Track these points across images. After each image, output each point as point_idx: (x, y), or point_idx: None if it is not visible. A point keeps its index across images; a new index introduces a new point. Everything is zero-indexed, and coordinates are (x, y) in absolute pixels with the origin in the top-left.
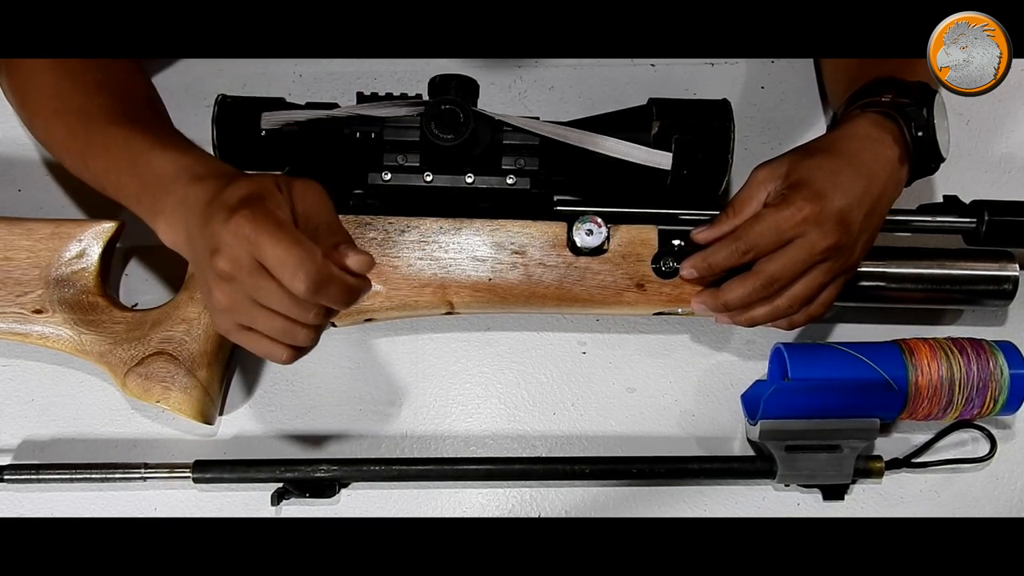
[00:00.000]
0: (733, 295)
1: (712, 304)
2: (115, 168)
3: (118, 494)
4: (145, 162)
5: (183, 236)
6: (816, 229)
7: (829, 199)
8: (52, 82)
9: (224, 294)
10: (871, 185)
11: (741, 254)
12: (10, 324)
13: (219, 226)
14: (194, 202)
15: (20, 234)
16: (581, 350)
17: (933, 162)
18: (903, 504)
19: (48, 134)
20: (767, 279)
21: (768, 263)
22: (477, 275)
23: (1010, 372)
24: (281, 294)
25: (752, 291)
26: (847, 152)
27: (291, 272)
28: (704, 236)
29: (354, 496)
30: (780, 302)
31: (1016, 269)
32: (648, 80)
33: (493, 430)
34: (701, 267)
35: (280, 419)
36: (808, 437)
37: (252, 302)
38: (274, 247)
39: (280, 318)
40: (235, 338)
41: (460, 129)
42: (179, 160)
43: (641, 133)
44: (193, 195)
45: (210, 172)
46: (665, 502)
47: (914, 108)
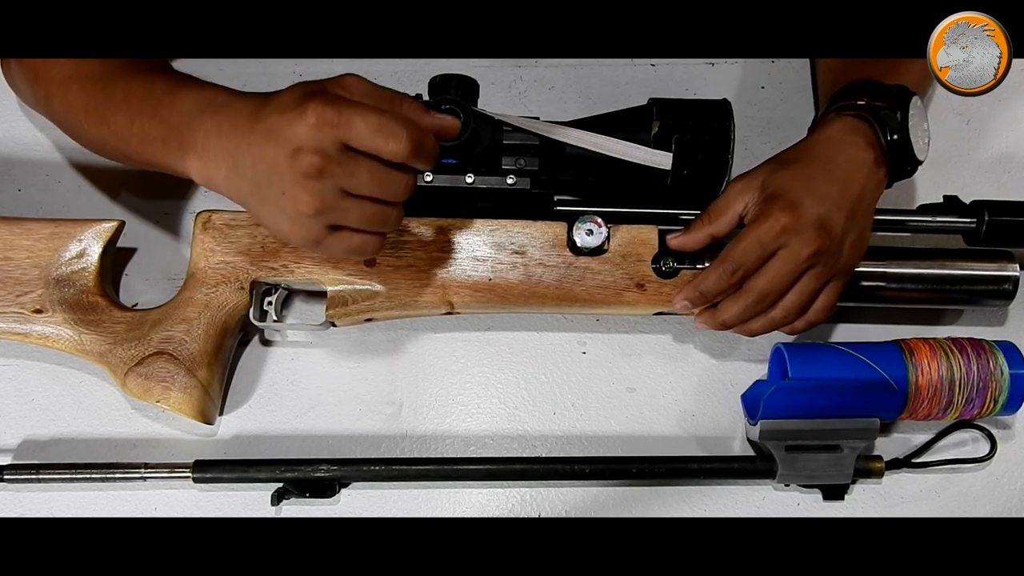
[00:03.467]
0: (729, 314)
1: (712, 324)
2: (138, 116)
3: (118, 494)
4: (169, 103)
5: (224, 165)
6: (796, 238)
7: (805, 207)
8: None
9: (313, 194)
10: (847, 188)
11: (730, 275)
12: (10, 324)
13: (292, 125)
14: (231, 127)
15: (20, 234)
16: (581, 350)
17: (909, 165)
18: (903, 504)
19: (65, 102)
20: (758, 295)
21: (756, 279)
22: (477, 275)
23: (1010, 372)
24: (374, 170)
25: (745, 308)
26: (821, 157)
27: (390, 135)
28: (680, 242)
29: (354, 496)
30: (775, 313)
31: (1016, 269)
32: (648, 80)
33: (493, 430)
34: (694, 297)
35: (280, 419)
36: (808, 437)
37: (342, 194)
38: (364, 118)
39: (371, 204)
40: (325, 246)
41: (460, 129)
42: (202, 92)
43: (641, 133)
44: (228, 120)
45: (237, 95)
46: (665, 502)
47: (888, 112)
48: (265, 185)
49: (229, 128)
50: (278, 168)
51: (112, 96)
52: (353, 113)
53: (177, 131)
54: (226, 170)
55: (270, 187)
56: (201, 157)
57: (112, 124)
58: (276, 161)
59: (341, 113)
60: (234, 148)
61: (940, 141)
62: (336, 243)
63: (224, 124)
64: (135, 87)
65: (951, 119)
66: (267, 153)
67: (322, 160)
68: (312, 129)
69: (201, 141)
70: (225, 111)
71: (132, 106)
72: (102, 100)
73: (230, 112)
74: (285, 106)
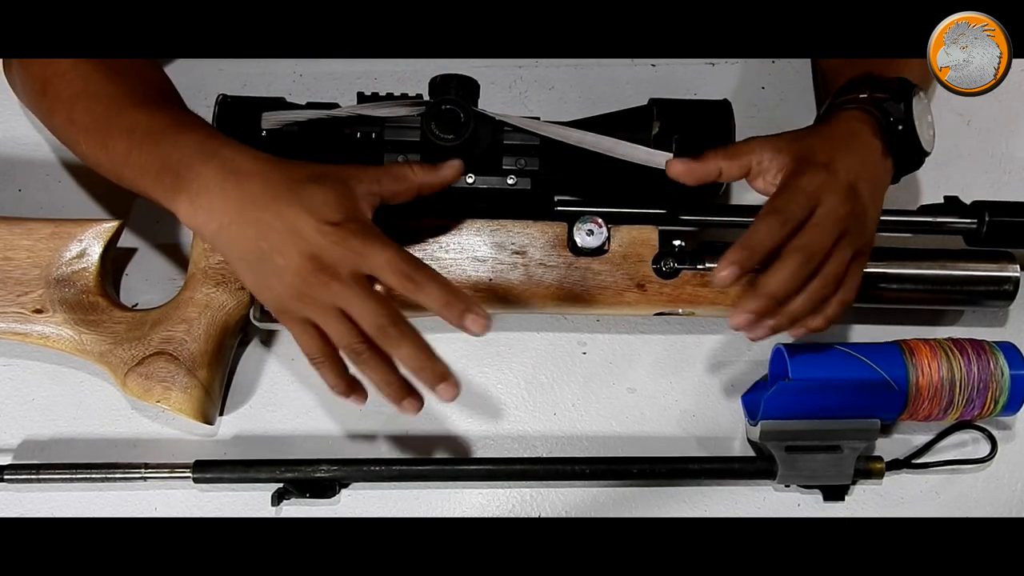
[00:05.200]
0: (775, 280)
1: (758, 302)
2: (137, 148)
3: (118, 494)
4: (172, 140)
5: (217, 222)
6: (834, 195)
7: (836, 169)
8: (73, 66)
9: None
10: (866, 164)
11: (780, 225)
12: (10, 324)
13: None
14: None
15: (20, 234)
16: (581, 350)
17: (916, 156)
18: (903, 505)
19: (70, 119)
20: (806, 253)
21: (800, 237)
22: (477, 275)
23: (1011, 373)
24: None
25: (795, 269)
26: (837, 134)
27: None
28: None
29: (354, 496)
30: (815, 284)
31: (1017, 270)
32: (648, 80)
33: (493, 430)
34: (742, 257)
35: (280, 419)
36: (808, 438)
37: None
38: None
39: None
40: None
41: (460, 129)
42: (207, 139)
43: (641, 133)
44: (235, 183)
45: (244, 154)
46: (665, 502)
47: (891, 102)
48: (262, 261)
49: (235, 191)
50: (285, 258)
51: (115, 123)
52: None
53: (173, 171)
54: (218, 227)
55: (267, 265)
56: (193, 204)
57: (111, 150)
58: (286, 251)
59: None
60: (235, 213)
61: (940, 141)
62: (301, 334)
63: (229, 184)
64: (140, 117)
65: (951, 119)
66: (278, 242)
67: (332, 278)
68: (336, 248)
69: (196, 188)
70: (233, 173)
71: (134, 137)
72: (104, 124)
73: (239, 177)
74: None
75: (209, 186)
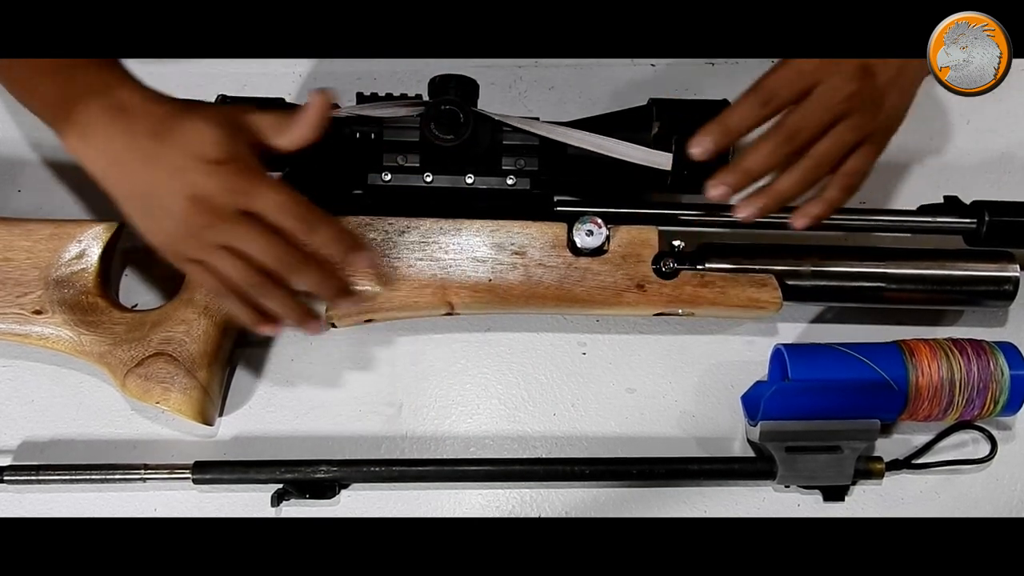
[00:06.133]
0: (753, 157)
1: (733, 176)
2: (38, 72)
3: (118, 495)
4: (70, 73)
5: (106, 160)
6: (837, 74)
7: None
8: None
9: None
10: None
11: (760, 105)
12: (10, 325)
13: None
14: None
15: (20, 234)
16: (581, 350)
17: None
18: (903, 505)
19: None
20: (789, 130)
21: (788, 115)
22: (477, 276)
23: (1011, 373)
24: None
25: (774, 147)
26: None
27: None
28: (699, 149)
29: (354, 497)
30: (806, 163)
31: (1016, 270)
32: (648, 80)
33: (493, 431)
34: (717, 132)
35: (280, 419)
36: (808, 438)
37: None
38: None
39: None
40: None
41: (460, 130)
42: (102, 75)
43: (641, 133)
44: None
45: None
46: (665, 503)
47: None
48: (147, 199)
49: (121, 129)
50: (168, 196)
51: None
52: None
53: (65, 104)
54: (106, 164)
55: (152, 204)
56: (82, 139)
57: (15, 67)
58: (169, 190)
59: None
60: (123, 152)
61: (940, 141)
62: (195, 274)
63: (117, 122)
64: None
65: (951, 119)
66: (161, 180)
67: (217, 218)
68: (219, 188)
69: (83, 123)
70: (121, 111)
71: (42, 64)
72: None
73: (127, 115)
74: (194, 146)
75: (97, 122)
